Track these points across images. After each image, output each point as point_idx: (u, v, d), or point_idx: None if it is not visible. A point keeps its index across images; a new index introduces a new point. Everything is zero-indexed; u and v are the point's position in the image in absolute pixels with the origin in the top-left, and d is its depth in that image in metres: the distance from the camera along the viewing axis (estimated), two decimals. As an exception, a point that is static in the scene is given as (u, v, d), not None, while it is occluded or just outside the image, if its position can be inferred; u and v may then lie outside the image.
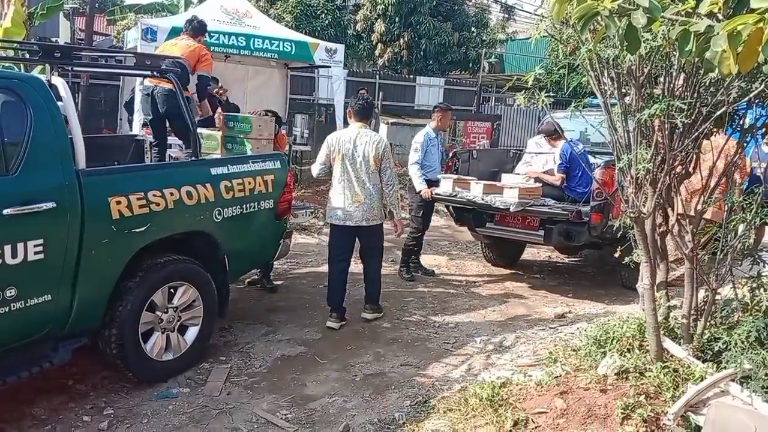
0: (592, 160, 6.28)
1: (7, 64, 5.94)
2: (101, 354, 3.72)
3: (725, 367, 3.17)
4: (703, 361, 3.34)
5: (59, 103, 3.39)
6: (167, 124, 5.56)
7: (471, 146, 12.77)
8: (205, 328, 4.15)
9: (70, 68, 4.71)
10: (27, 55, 4.97)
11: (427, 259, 7.02)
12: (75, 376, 3.88)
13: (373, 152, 4.95)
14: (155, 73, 4.91)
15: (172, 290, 3.91)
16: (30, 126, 3.17)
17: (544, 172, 6.51)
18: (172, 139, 5.85)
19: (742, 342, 3.18)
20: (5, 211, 2.97)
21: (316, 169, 5.19)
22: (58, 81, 3.59)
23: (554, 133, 6.29)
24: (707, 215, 4.14)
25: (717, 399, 3.03)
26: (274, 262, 5.80)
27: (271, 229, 4.76)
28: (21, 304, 3.10)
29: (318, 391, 3.94)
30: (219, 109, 6.99)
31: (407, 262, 6.66)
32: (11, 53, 5.58)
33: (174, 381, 3.92)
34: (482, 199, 6.01)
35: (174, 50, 5.60)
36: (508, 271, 7.18)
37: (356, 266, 5.49)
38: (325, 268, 6.72)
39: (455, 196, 6.27)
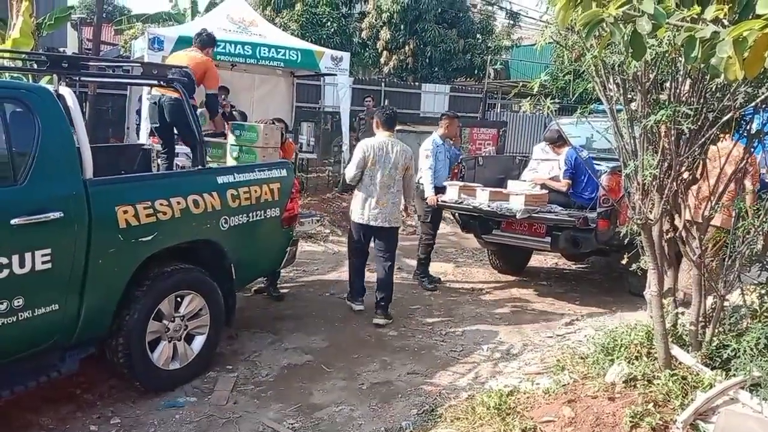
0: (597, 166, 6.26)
1: (15, 75, 5.99)
2: (108, 363, 3.72)
3: (734, 375, 3.14)
4: (712, 369, 3.32)
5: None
6: (174, 132, 5.59)
7: (477, 153, 12.75)
8: (212, 337, 4.15)
9: (77, 78, 4.72)
10: (35, 66, 5.00)
11: (433, 267, 6.99)
12: (82, 385, 3.89)
13: (402, 161, 5.44)
14: (162, 82, 4.94)
15: (178, 299, 3.92)
16: (38, 136, 3.19)
17: (550, 179, 6.50)
18: (179, 148, 5.87)
19: (751, 349, 3.16)
20: (13, 221, 2.99)
21: (351, 172, 5.44)
22: (65, 91, 3.61)
23: (558, 141, 6.29)
24: (717, 222, 4.12)
25: (726, 407, 3.00)
26: (281, 270, 5.80)
27: (277, 237, 4.76)
28: (29, 313, 3.11)
29: (325, 400, 3.93)
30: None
31: (427, 272, 6.67)
32: (20, 64, 5.63)
33: (181, 390, 3.91)
34: (488, 206, 6.00)
35: (182, 60, 5.64)
36: (514, 279, 7.16)
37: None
38: (331, 275, 6.79)
39: (461, 203, 6.27)
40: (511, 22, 22.95)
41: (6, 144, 3.11)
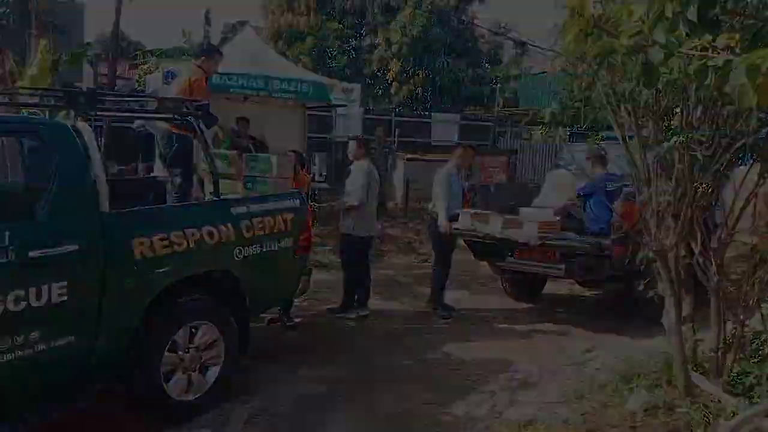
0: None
1: (33, 111, 6.09)
2: (123, 395, 3.71)
3: (758, 402, 3.08)
4: (735, 396, 3.26)
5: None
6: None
7: (488, 181, 12.77)
8: (226, 368, 4.12)
9: (93, 113, 4.79)
10: (52, 101, 5.08)
11: (447, 295, 6.94)
12: (96, 417, 3.87)
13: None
14: (176, 116, 4.98)
15: (193, 330, 3.91)
16: (55, 170, 3.24)
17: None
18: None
19: (775, 376, 3.11)
20: (30, 254, 3.01)
21: (361, 195, 6.08)
22: (82, 125, 3.67)
23: (598, 159, 6.33)
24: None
25: (751, 436, 2.94)
26: (295, 300, 5.79)
27: (291, 267, 4.77)
28: (44, 346, 3.12)
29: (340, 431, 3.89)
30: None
31: (441, 300, 6.61)
32: (37, 99, 5.73)
33: (195, 422, 3.88)
34: (501, 233, 5.98)
35: (181, 89, 5.61)
36: (529, 305, 7.10)
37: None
38: (345, 305, 6.74)
39: (474, 230, 6.25)
40: (519, 51, 23.15)
41: (24, 178, 3.16)
